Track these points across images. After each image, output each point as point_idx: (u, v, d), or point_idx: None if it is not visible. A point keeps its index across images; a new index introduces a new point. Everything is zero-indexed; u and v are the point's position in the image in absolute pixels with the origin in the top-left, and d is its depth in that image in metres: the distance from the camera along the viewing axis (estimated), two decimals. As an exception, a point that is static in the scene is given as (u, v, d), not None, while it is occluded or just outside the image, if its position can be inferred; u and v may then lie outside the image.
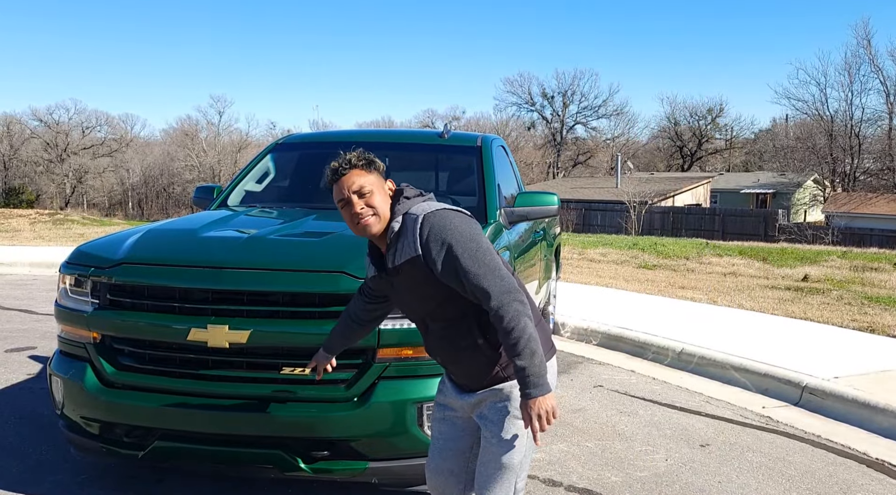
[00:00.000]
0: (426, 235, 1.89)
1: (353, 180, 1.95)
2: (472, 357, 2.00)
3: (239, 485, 3.11)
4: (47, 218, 22.44)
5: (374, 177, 1.99)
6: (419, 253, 1.89)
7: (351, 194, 1.95)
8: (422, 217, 1.91)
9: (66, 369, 2.93)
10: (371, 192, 1.96)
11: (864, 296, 8.66)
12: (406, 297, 2.04)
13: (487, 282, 1.86)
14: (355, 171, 1.97)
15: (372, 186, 1.97)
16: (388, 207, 1.99)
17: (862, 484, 3.41)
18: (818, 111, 43.40)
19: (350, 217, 1.97)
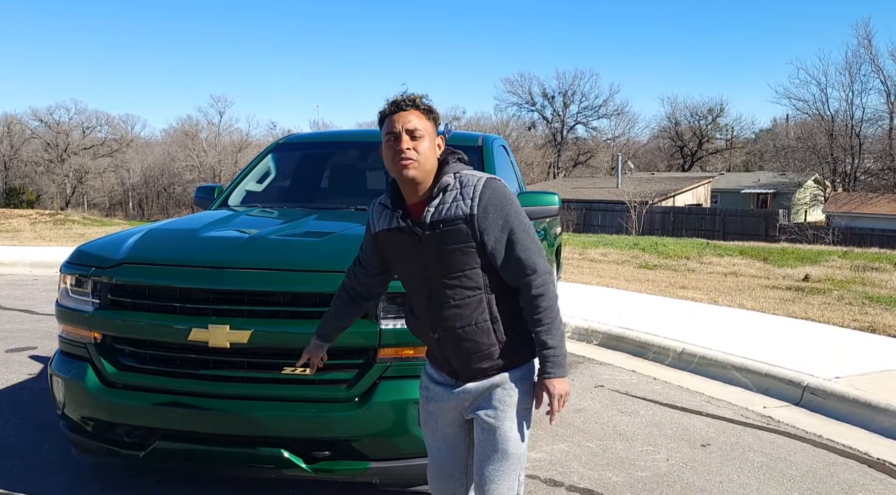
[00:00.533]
0: (486, 199, 1.86)
1: (409, 118, 1.88)
2: (479, 335, 1.93)
3: (240, 486, 3.10)
4: (48, 218, 22.45)
5: (430, 126, 1.92)
6: (473, 212, 1.84)
7: (402, 130, 1.87)
8: (484, 179, 1.88)
9: (66, 369, 2.93)
10: (423, 137, 1.88)
11: (865, 295, 8.66)
12: (428, 258, 1.91)
13: (536, 258, 1.88)
14: (415, 112, 1.90)
15: (425, 133, 1.90)
16: (433, 161, 1.92)
17: (863, 484, 3.40)
18: (819, 111, 43.39)
19: (393, 154, 1.88)
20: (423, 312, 2.00)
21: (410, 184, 1.91)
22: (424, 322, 2.01)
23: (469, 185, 1.88)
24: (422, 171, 1.89)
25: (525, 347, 2.00)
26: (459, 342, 1.94)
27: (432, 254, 1.90)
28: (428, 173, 1.91)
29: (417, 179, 1.89)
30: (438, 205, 1.89)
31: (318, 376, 2.68)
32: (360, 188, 4.57)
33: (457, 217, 1.85)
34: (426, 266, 1.93)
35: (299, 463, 2.64)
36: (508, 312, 1.95)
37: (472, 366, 1.97)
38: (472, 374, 1.99)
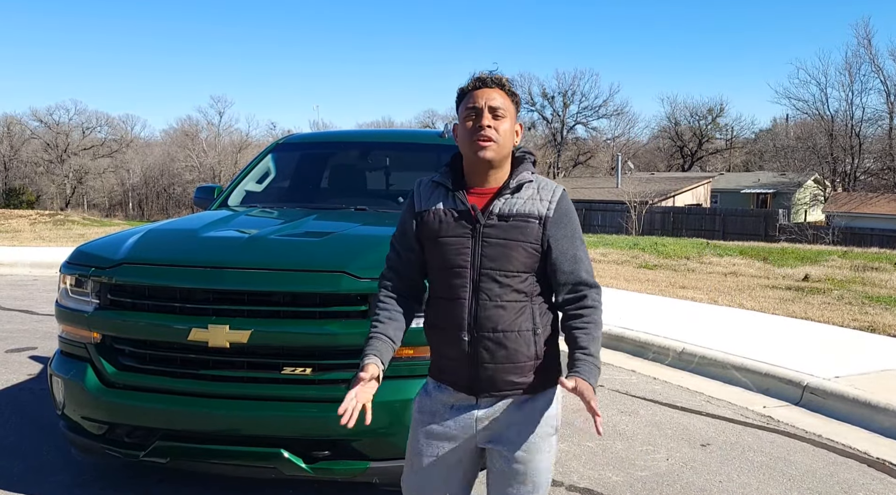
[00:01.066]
0: (563, 206, 1.81)
1: (494, 96, 1.79)
2: (520, 344, 1.79)
3: (240, 485, 3.10)
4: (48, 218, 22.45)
5: (513, 109, 1.83)
6: (549, 215, 1.78)
7: (485, 107, 1.77)
8: (561, 188, 1.84)
9: (66, 369, 2.93)
10: (504, 118, 1.79)
11: (865, 295, 8.66)
12: (484, 251, 1.76)
13: (590, 272, 1.85)
14: (500, 91, 1.80)
15: (508, 114, 1.80)
16: (510, 147, 1.83)
17: (863, 483, 3.40)
18: (818, 111, 43.41)
19: (472, 130, 1.77)
20: (458, 309, 1.80)
21: (483, 166, 1.80)
22: (458, 320, 1.80)
23: (547, 189, 1.82)
24: (498, 154, 1.79)
25: (555, 370, 1.87)
26: (498, 348, 1.79)
27: (491, 247, 1.77)
28: (503, 159, 1.82)
29: (493, 163, 1.79)
30: (513, 199, 1.80)
31: (317, 376, 2.68)
32: (359, 188, 4.58)
33: (531, 214, 1.78)
34: (478, 258, 1.78)
35: (299, 463, 2.64)
36: (547, 328, 1.85)
37: (504, 377, 1.81)
38: (499, 387, 1.82)
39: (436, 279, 1.86)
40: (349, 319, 2.67)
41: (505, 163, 1.83)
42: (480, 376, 1.81)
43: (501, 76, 1.83)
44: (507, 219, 1.78)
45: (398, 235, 1.94)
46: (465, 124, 1.80)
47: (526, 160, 1.87)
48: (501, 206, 1.79)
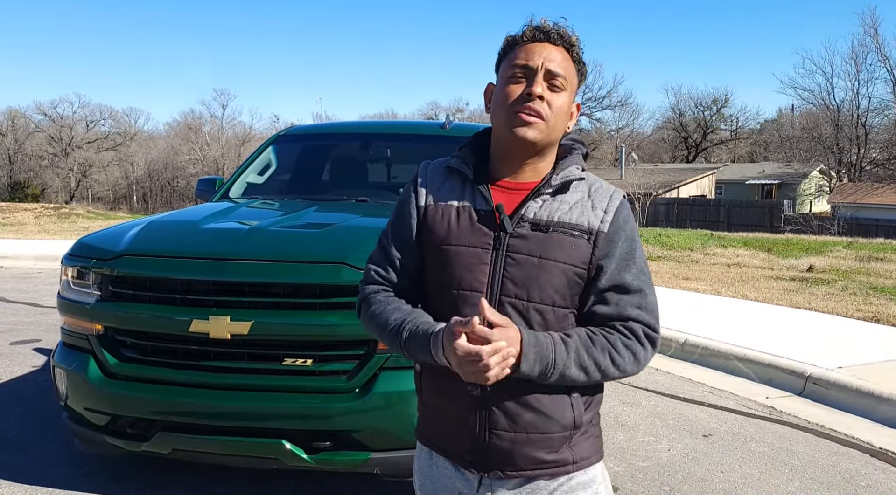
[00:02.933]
0: (622, 218, 1.31)
1: (556, 57, 1.29)
2: (552, 406, 1.29)
3: (242, 476, 3.12)
4: (52, 212, 22.53)
5: (575, 82, 1.35)
6: (602, 230, 1.28)
7: (541, 68, 1.28)
8: (621, 193, 1.36)
9: (69, 361, 2.94)
10: (563, 91, 1.31)
11: (870, 286, 8.63)
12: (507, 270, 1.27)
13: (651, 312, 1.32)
14: (566, 54, 1.32)
15: (568, 86, 1.31)
16: (561, 132, 1.34)
17: (865, 473, 3.40)
18: (824, 101, 43.15)
19: (518, 97, 1.28)
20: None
21: (520, 150, 1.31)
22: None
23: (602, 193, 1.33)
24: (545, 138, 1.29)
25: (598, 441, 1.40)
26: (521, 410, 1.28)
27: (518, 267, 1.26)
28: (549, 146, 1.33)
29: (536, 147, 1.30)
30: (553, 200, 1.31)
31: (318, 367, 2.68)
32: (360, 180, 4.57)
33: (578, 226, 1.28)
34: (499, 281, 1.27)
35: (300, 454, 2.65)
36: (595, 385, 1.35)
37: (527, 451, 1.30)
38: (518, 464, 1.31)
39: (436, 304, 1.34)
40: (349, 310, 2.67)
41: (549, 152, 1.35)
42: (492, 448, 1.31)
43: (572, 39, 1.33)
44: (544, 228, 1.28)
45: (390, 233, 1.42)
46: (505, 88, 1.30)
47: (575, 151, 1.38)
48: (538, 211, 1.29)
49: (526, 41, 1.31)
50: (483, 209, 1.31)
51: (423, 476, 1.44)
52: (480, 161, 1.37)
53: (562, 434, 1.31)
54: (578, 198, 1.32)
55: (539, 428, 1.30)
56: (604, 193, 1.33)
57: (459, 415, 1.31)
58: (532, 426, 1.30)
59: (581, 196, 1.32)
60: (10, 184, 47.82)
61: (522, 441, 1.30)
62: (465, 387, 1.28)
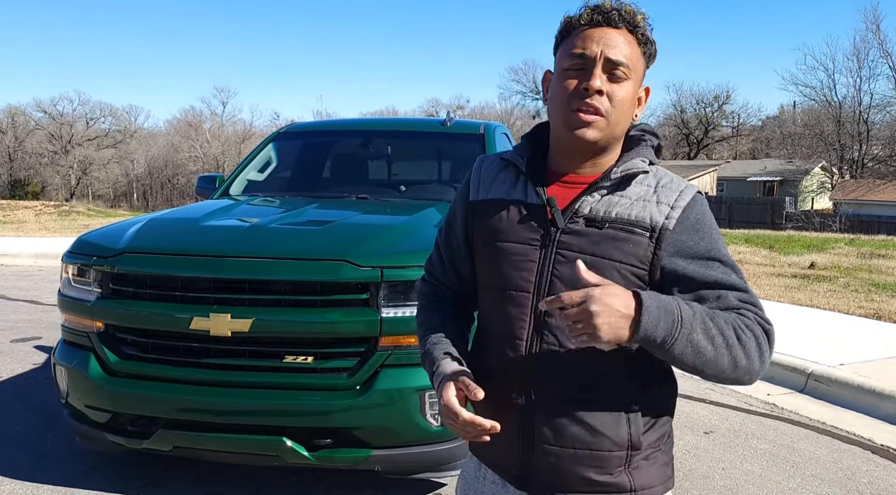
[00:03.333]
0: (694, 215, 1.17)
1: (618, 42, 1.15)
2: (602, 418, 1.17)
3: (243, 473, 3.12)
4: (53, 209, 22.54)
5: (641, 66, 1.20)
6: (668, 227, 1.15)
7: (600, 58, 1.14)
8: (694, 189, 1.21)
9: (70, 358, 2.94)
10: (626, 81, 1.16)
11: (871, 283, 8.61)
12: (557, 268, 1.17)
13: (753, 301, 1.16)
14: (630, 36, 1.17)
15: (632, 74, 1.17)
16: (626, 123, 1.21)
17: (867, 470, 3.40)
18: (826, 97, 43.03)
19: (570, 93, 1.16)
20: (511, 355, 1.20)
21: (581, 148, 1.19)
22: (509, 372, 1.20)
23: (671, 188, 1.19)
24: (607, 135, 1.18)
25: (666, 469, 1.24)
26: (568, 423, 1.17)
27: (568, 266, 1.15)
28: (614, 140, 1.21)
29: (598, 145, 1.18)
30: (611, 193, 1.19)
31: (319, 364, 2.68)
32: (361, 177, 4.56)
33: (638, 222, 1.15)
34: (547, 280, 1.17)
35: (301, 451, 2.65)
36: (660, 401, 1.21)
37: (575, 470, 1.18)
38: (567, 484, 1.20)
39: (485, 305, 1.28)
40: (350, 307, 2.67)
41: (614, 146, 1.22)
42: (537, 463, 1.20)
43: (635, 9, 1.18)
44: (599, 224, 1.17)
45: (443, 232, 1.37)
46: (561, 80, 1.18)
47: (644, 143, 1.25)
48: (594, 206, 1.18)
49: (583, 26, 1.17)
50: (534, 203, 1.21)
51: (467, 486, 1.36)
52: (537, 153, 1.27)
53: (615, 453, 1.17)
54: (642, 192, 1.19)
55: (587, 443, 1.17)
56: (672, 188, 1.19)
57: (504, 426, 1.18)
58: (579, 441, 1.17)
59: (645, 190, 1.19)
60: (10, 181, 47.86)
61: (568, 457, 1.18)
62: (509, 395, 1.20)
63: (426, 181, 4.50)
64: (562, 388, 1.17)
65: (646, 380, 1.20)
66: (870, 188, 34.20)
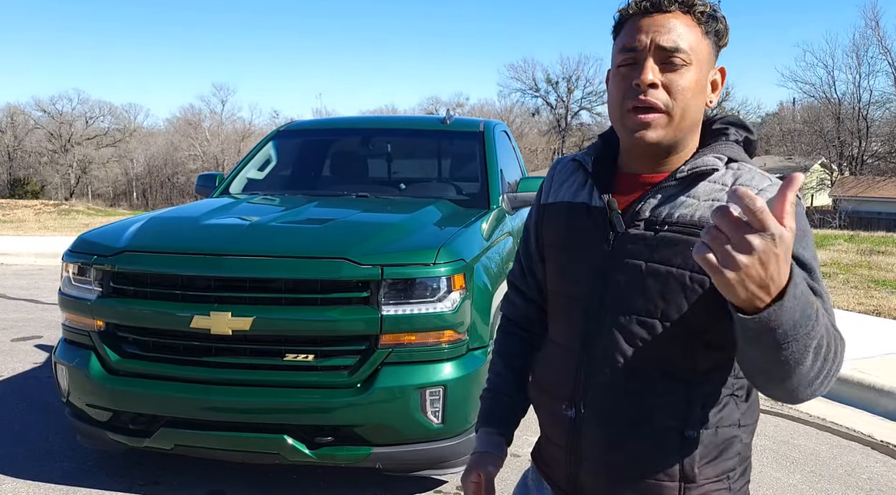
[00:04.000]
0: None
1: (670, 27, 1.03)
2: (651, 448, 1.06)
3: (244, 471, 3.12)
4: (52, 208, 22.53)
5: (706, 48, 1.06)
6: None
7: (651, 48, 1.03)
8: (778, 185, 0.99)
9: (70, 357, 2.94)
10: (687, 66, 1.03)
11: (871, 279, 8.62)
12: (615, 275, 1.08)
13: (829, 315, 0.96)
14: (682, 17, 1.04)
15: (695, 58, 1.04)
16: (697, 114, 1.07)
17: (866, 465, 3.40)
18: (825, 94, 42.98)
19: (623, 91, 1.06)
20: (564, 364, 1.14)
21: (647, 150, 1.08)
22: (560, 381, 1.14)
23: (750, 186, 1.02)
24: (671, 132, 1.05)
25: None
26: (612, 442, 1.08)
27: (626, 273, 1.07)
28: (684, 135, 1.07)
29: (663, 144, 1.06)
30: (676, 194, 1.06)
31: (320, 362, 2.69)
32: (361, 175, 4.56)
33: (703, 224, 1.01)
34: (607, 287, 1.09)
35: (302, 449, 2.65)
36: (719, 431, 1.06)
37: (618, 492, 1.10)
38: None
39: (549, 308, 1.23)
40: (350, 305, 2.67)
41: (688, 141, 1.09)
42: (584, 481, 1.12)
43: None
44: (659, 227, 1.05)
45: (522, 241, 1.32)
46: (616, 79, 1.09)
47: (725, 136, 1.11)
48: (656, 207, 1.06)
49: (633, 16, 1.07)
50: (598, 206, 1.12)
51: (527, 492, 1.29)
52: (609, 153, 1.17)
53: (666, 484, 1.05)
54: (714, 192, 1.04)
55: (634, 468, 1.06)
56: (752, 186, 1.02)
57: (557, 438, 1.14)
58: (625, 467, 1.07)
59: (719, 190, 1.04)
60: (9, 181, 47.82)
61: (615, 480, 1.08)
62: (560, 406, 1.13)
63: (426, 179, 4.50)
64: (610, 405, 1.07)
65: (706, 413, 1.05)
66: (869, 185, 34.21)
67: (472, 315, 2.82)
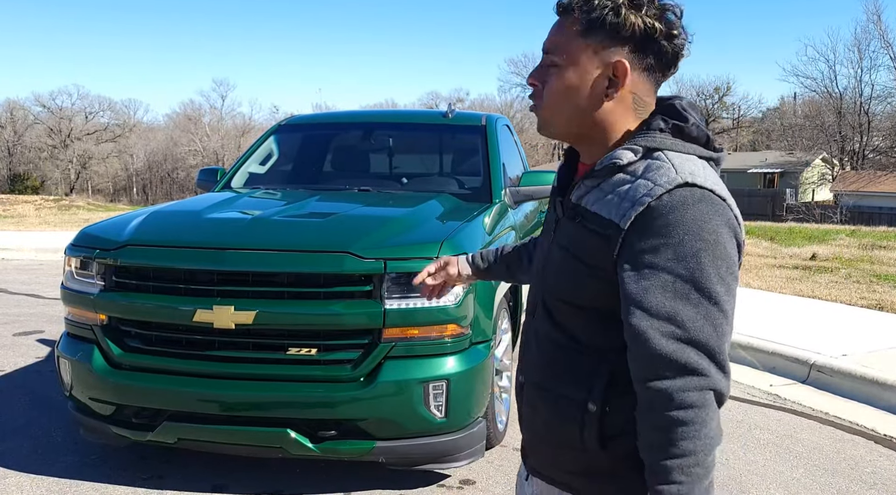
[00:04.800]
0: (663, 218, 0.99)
1: (551, 30, 1.14)
2: (558, 417, 1.13)
3: (248, 465, 3.12)
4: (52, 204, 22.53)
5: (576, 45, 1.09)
6: (622, 226, 1.02)
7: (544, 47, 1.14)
8: (678, 183, 1.00)
9: (73, 351, 2.94)
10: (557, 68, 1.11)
11: (873, 274, 8.60)
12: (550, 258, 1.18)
13: (695, 343, 0.98)
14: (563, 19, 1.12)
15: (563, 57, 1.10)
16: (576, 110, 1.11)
17: (870, 459, 3.40)
18: (827, 88, 42.91)
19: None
20: (525, 334, 1.26)
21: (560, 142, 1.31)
22: (521, 349, 1.27)
23: (648, 179, 1.03)
24: (555, 127, 1.14)
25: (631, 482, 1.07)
26: (535, 406, 1.19)
27: (555, 254, 1.16)
28: (580, 129, 1.13)
29: (564, 137, 1.16)
30: (594, 185, 1.11)
31: (323, 356, 2.68)
32: (363, 169, 4.55)
33: (602, 219, 1.05)
34: (545, 267, 1.20)
35: (305, 443, 2.65)
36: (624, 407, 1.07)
37: (543, 454, 1.19)
38: (539, 467, 1.22)
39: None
40: (353, 299, 2.67)
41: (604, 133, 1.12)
42: (525, 440, 1.26)
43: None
44: (576, 216, 1.11)
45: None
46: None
47: (646, 128, 1.10)
48: (580, 197, 1.13)
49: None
50: (557, 194, 1.22)
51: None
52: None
53: (571, 452, 1.11)
54: (620, 185, 1.06)
55: (547, 435, 1.16)
56: (648, 182, 1.02)
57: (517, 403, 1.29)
58: (542, 430, 1.17)
59: (624, 182, 1.06)
60: (9, 176, 47.82)
61: (538, 443, 1.20)
62: (518, 374, 1.26)
63: (428, 173, 4.49)
64: (534, 375, 1.18)
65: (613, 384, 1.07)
66: (870, 179, 34.15)
67: (475, 309, 2.82)
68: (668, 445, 0.98)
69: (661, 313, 0.99)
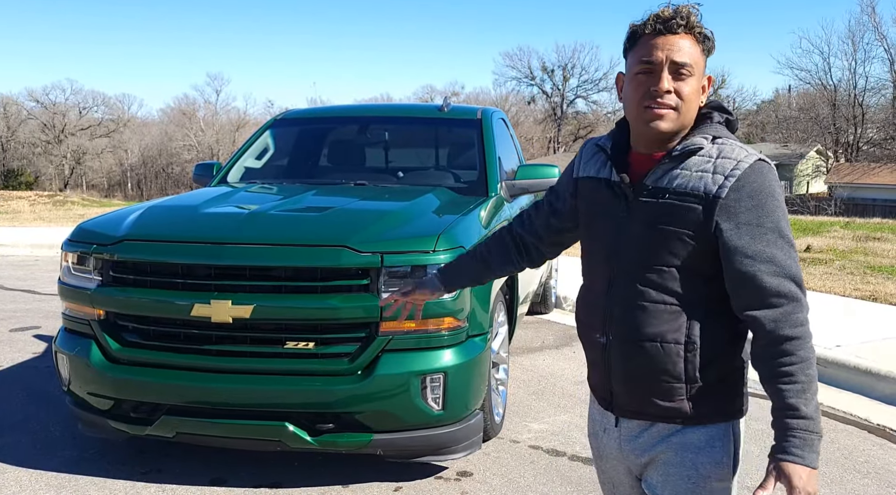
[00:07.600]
0: (751, 184, 1.31)
1: (681, 46, 1.34)
2: (663, 360, 1.39)
3: (246, 458, 3.14)
4: (47, 199, 22.43)
5: (702, 62, 1.38)
6: (719, 195, 1.30)
7: (666, 62, 1.34)
8: (754, 158, 1.33)
9: (71, 346, 2.95)
10: (690, 77, 1.35)
11: (867, 265, 8.65)
12: (631, 233, 1.41)
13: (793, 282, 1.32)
14: (690, 38, 1.35)
15: (696, 71, 1.36)
16: (695, 110, 1.39)
17: (864, 449, 3.44)
18: (821, 81, 42.99)
19: (642, 94, 1.36)
20: (595, 303, 1.49)
21: (658, 137, 1.39)
22: (595, 315, 1.49)
23: (729, 159, 1.33)
24: (678, 125, 1.37)
25: (727, 402, 1.45)
26: (632, 357, 1.42)
27: (637, 230, 1.39)
28: (685, 125, 1.39)
29: (670, 133, 1.38)
30: (673, 168, 1.36)
31: (320, 350, 2.69)
32: (359, 163, 4.55)
33: (692, 192, 1.33)
34: (623, 243, 1.42)
35: (304, 436, 2.67)
36: (717, 345, 1.39)
37: (641, 396, 1.43)
38: (635, 408, 1.46)
39: (584, 264, 1.57)
40: (350, 293, 2.68)
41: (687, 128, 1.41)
42: (615, 390, 1.47)
43: (691, 13, 1.36)
44: (659, 195, 1.36)
45: (554, 189, 1.67)
46: (633, 82, 1.38)
47: (709, 120, 1.41)
48: (658, 179, 1.37)
49: (648, 35, 1.37)
50: (615, 181, 1.44)
51: (590, 414, 1.64)
52: (624, 136, 1.49)
53: (673, 384, 1.39)
54: (702, 164, 1.35)
55: (648, 376, 1.40)
56: (731, 159, 1.34)
57: (594, 360, 1.52)
58: (642, 374, 1.41)
59: (704, 161, 1.35)
60: (3, 172, 47.56)
61: (636, 387, 1.43)
62: (595, 337, 1.48)
63: (424, 167, 4.49)
64: (629, 332, 1.41)
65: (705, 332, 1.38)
66: (865, 171, 34.28)
67: (472, 302, 2.83)
68: (785, 354, 1.29)
69: (763, 257, 1.31)
